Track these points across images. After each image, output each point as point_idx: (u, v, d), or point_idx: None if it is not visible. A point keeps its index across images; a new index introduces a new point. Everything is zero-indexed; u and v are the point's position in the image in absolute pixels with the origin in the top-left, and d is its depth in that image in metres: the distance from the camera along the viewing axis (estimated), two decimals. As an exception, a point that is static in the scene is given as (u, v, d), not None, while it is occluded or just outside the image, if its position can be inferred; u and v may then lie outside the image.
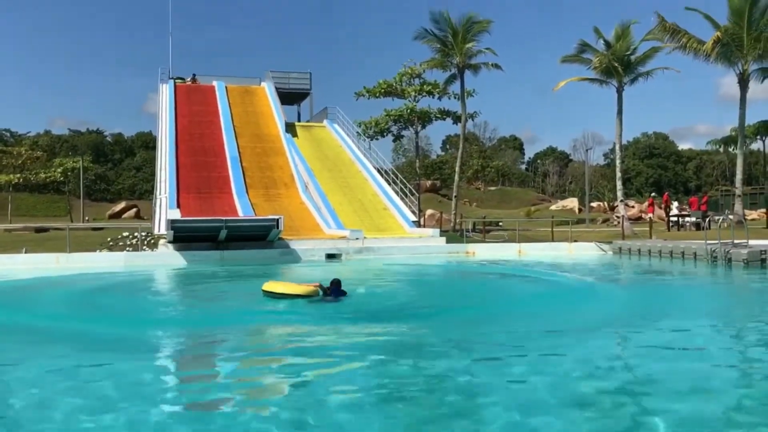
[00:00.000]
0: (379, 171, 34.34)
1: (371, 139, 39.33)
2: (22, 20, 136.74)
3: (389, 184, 32.76)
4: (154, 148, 44.79)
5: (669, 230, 34.05)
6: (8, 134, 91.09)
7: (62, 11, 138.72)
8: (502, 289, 16.29)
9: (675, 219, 35.95)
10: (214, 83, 40.81)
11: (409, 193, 32.78)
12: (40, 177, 63.28)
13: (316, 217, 28.39)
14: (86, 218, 55.01)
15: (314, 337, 9.49)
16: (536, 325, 10.05)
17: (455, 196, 36.83)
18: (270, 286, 13.27)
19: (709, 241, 21.06)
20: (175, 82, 39.81)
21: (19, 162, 62.82)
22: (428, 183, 70.73)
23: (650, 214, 36.33)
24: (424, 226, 33.91)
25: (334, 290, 12.55)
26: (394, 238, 26.30)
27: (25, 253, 22.80)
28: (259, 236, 23.79)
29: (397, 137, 41.93)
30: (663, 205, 38.49)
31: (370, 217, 29.15)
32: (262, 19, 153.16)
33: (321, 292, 12.61)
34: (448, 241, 26.49)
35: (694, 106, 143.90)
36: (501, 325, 10.39)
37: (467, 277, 20.41)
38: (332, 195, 30.45)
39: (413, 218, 29.78)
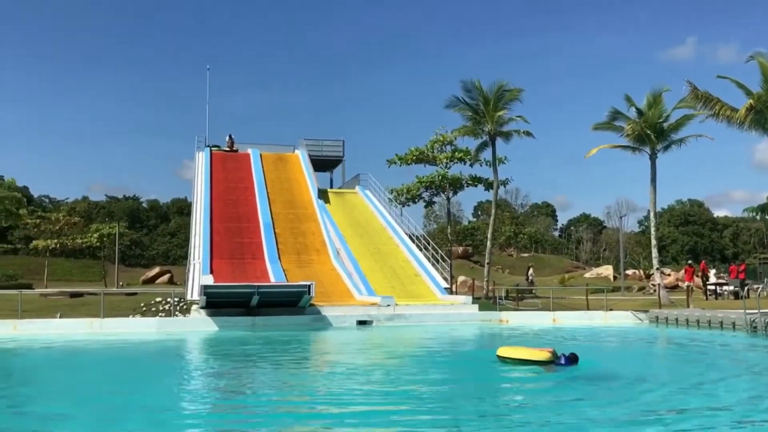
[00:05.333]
0: (410, 237, 34.32)
1: (403, 206, 39.41)
2: (61, 89, 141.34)
3: (421, 250, 32.68)
4: (188, 214, 45.41)
5: (707, 299, 33.34)
6: (47, 200, 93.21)
7: (101, 80, 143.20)
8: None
9: (713, 287, 35.22)
10: (249, 151, 41.46)
11: (440, 260, 32.62)
12: (76, 242, 64.42)
13: (348, 283, 28.33)
14: (120, 283, 55.52)
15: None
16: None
17: (488, 263, 36.54)
18: (505, 351, 13.41)
19: (748, 311, 20.55)
20: (211, 150, 40.51)
21: (57, 227, 64.12)
22: (460, 249, 70.42)
23: (687, 282, 35.60)
24: (456, 293, 33.63)
25: (567, 360, 12.61)
26: (425, 305, 26.10)
27: (60, 318, 22.99)
28: (291, 302, 23.75)
29: (429, 203, 41.98)
30: (700, 274, 37.73)
31: (401, 284, 29.00)
32: (296, 87, 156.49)
33: (554, 358, 12.69)
34: (480, 309, 26.19)
35: (729, 173, 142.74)
36: None
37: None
38: (363, 261, 30.41)
39: (445, 285, 29.56)
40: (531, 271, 46.98)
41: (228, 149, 41.84)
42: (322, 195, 37.49)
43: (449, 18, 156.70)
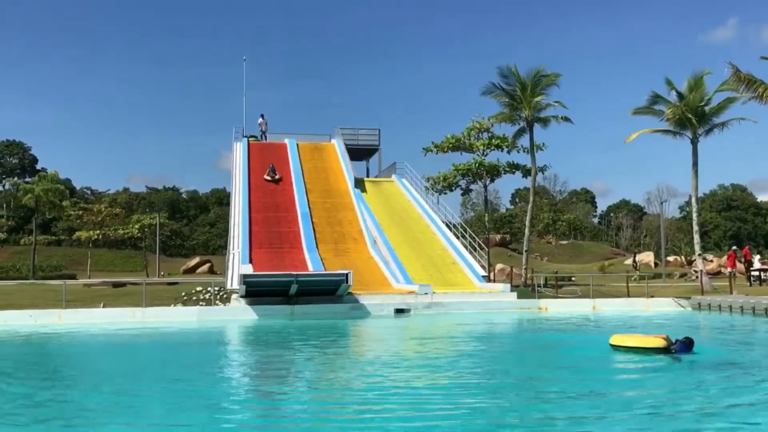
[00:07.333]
0: (447, 225, 34.21)
1: (439, 194, 39.21)
2: (102, 81, 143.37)
3: (458, 238, 32.56)
4: (227, 204, 45.75)
5: (750, 285, 32.74)
6: (89, 192, 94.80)
7: (141, 73, 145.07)
8: None
9: (756, 274, 34.55)
10: (286, 141, 41.65)
11: (478, 248, 32.48)
12: (118, 233, 65.53)
13: (385, 271, 28.37)
14: (161, 273, 56.29)
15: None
16: None
17: (526, 251, 36.22)
18: (618, 339, 13.37)
19: (794, 297, 20.15)
20: (248, 141, 40.77)
21: (99, 219, 65.26)
22: (498, 237, 70.02)
23: (731, 268, 34.94)
24: (494, 281, 33.47)
25: (683, 346, 12.38)
26: (463, 293, 26.02)
27: (103, 307, 23.42)
28: (329, 291, 23.88)
29: (466, 191, 41.71)
30: (743, 260, 37.00)
31: (438, 272, 28.95)
32: (331, 76, 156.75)
33: (669, 345, 12.50)
34: (519, 297, 26.04)
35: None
36: None
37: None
38: (400, 249, 30.41)
39: (483, 273, 29.44)
40: (637, 257, 53.17)
41: (269, 179, 36.78)
42: (359, 184, 37.54)
43: (484, 3, 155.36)
